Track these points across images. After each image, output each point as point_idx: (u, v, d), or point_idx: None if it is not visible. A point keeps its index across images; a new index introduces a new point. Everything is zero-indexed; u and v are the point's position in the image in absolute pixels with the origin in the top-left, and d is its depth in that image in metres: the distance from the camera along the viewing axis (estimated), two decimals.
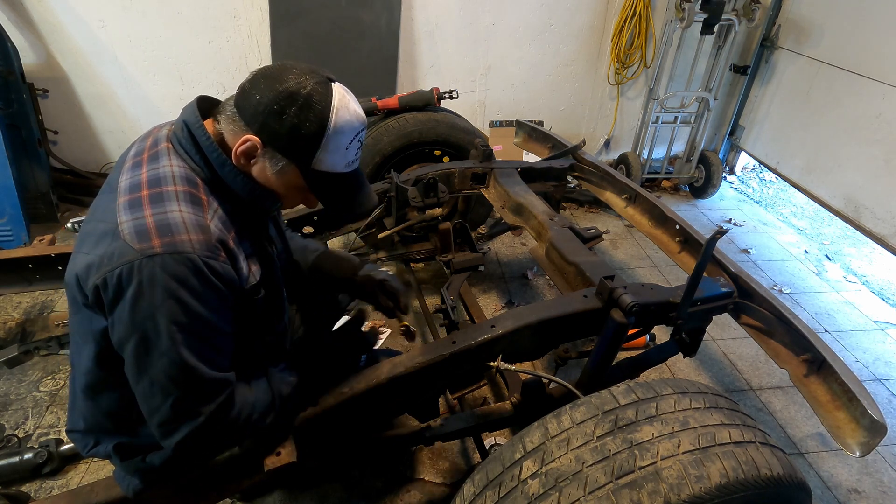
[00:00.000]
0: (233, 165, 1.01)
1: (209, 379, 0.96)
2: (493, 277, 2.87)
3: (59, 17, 3.03)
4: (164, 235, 0.90)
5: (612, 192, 2.31)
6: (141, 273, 0.87)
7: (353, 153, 1.05)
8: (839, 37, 3.21)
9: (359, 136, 1.04)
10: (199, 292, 0.92)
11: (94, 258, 0.91)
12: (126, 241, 0.89)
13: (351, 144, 1.03)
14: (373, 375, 1.25)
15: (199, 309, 0.92)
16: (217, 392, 0.99)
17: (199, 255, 0.91)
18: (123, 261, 0.88)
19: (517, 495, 0.88)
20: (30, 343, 2.18)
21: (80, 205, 3.31)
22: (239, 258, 1.02)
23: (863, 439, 1.31)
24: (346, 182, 1.07)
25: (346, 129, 1.00)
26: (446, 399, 1.91)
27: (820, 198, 3.40)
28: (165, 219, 0.91)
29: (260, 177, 1.03)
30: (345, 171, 1.06)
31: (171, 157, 1.00)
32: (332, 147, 0.99)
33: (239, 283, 1.01)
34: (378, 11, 3.23)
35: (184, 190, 0.96)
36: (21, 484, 1.70)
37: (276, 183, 1.03)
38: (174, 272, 0.88)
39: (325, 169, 1.02)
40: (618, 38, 3.62)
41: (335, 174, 1.04)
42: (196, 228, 0.93)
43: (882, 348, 2.53)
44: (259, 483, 1.18)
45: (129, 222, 0.91)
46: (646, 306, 1.35)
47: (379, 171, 2.47)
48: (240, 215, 1.06)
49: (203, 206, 0.98)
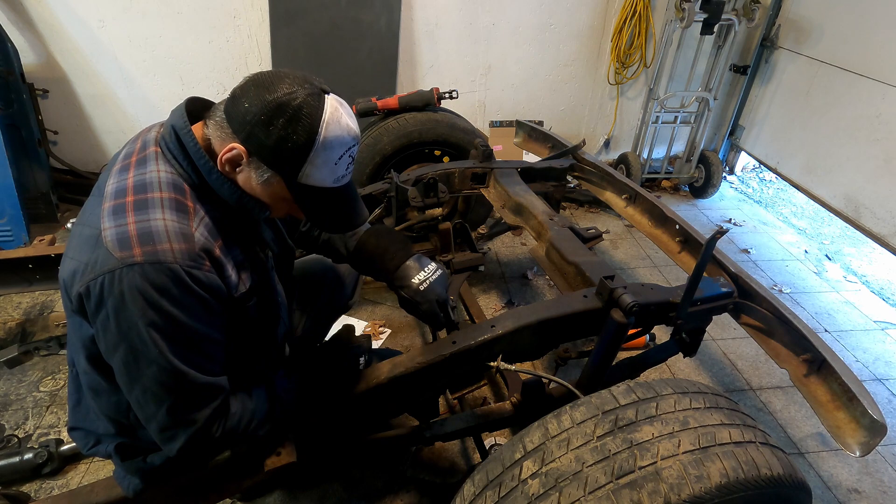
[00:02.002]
0: (220, 173, 0.99)
1: (201, 384, 0.96)
2: (493, 277, 2.87)
3: (59, 17, 3.03)
4: (146, 244, 0.89)
5: (612, 192, 2.31)
6: (122, 283, 0.87)
7: (343, 168, 1.01)
8: (839, 37, 3.21)
9: (349, 151, 1.00)
10: (182, 302, 0.91)
11: (78, 264, 0.91)
12: (108, 249, 0.88)
13: (341, 160, 0.99)
14: (373, 375, 1.25)
15: (182, 318, 0.91)
16: (211, 397, 0.99)
17: (181, 265, 0.90)
18: (104, 269, 0.88)
19: (517, 495, 0.88)
20: (30, 343, 2.18)
21: (79, 205, 3.29)
22: (226, 267, 1.00)
23: (863, 439, 1.30)
24: (335, 198, 1.04)
25: (335, 143, 0.96)
26: (446, 399, 1.91)
27: (820, 198, 3.40)
28: (148, 227, 0.90)
29: (245, 185, 1.01)
30: (333, 187, 1.02)
31: (158, 162, 0.98)
32: (319, 162, 0.96)
33: (227, 291, 1.00)
34: (378, 11, 3.23)
35: (169, 197, 0.95)
36: (21, 484, 1.70)
37: (262, 193, 1.01)
38: (155, 282, 0.88)
39: (313, 183, 0.99)
40: (618, 38, 3.62)
41: (323, 189, 1.01)
42: (179, 237, 0.92)
43: (882, 348, 2.53)
44: (259, 483, 1.18)
45: (112, 229, 0.90)
46: (646, 306, 1.35)
47: (379, 171, 2.47)
48: (228, 222, 1.04)
49: (189, 213, 0.96)
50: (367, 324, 2.45)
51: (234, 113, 0.95)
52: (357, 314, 2.50)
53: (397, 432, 1.43)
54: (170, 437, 0.97)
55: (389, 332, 2.42)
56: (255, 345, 1.16)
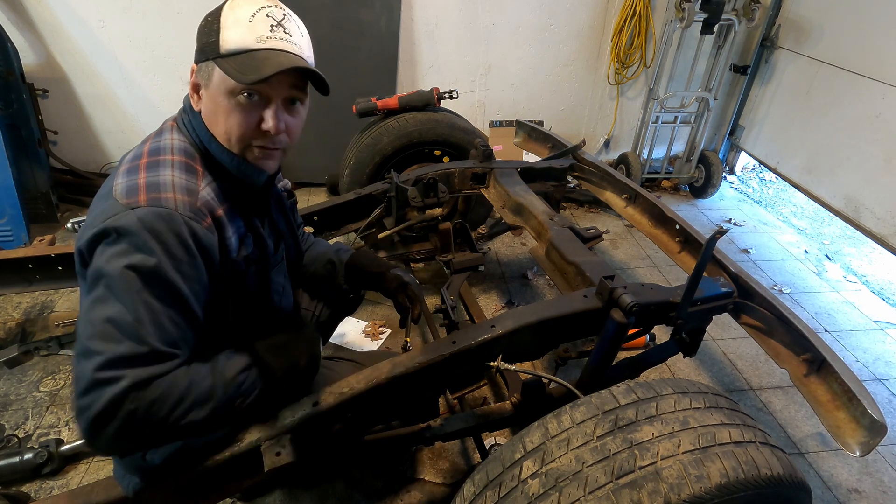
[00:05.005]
0: (205, 130, 1.04)
1: (152, 348, 0.88)
2: (493, 277, 2.87)
3: (59, 17, 3.03)
4: (151, 192, 0.93)
5: (612, 192, 2.31)
6: (119, 222, 0.89)
7: (265, 29, 0.96)
8: (839, 37, 3.21)
9: (265, 10, 0.97)
10: (171, 251, 0.91)
11: (89, 220, 0.95)
12: (116, 199, 0.93)
13: (255, 17, 0.96)
14: (373, 375, 1.25)
15: (167, 267, 0.90)
16: (152, 362, 0.89)
17: (182, 214, 0.93)
18: (110, 214, 0.91)
19: (517, 495, 0.88)
20: (30, 343, 2.18)
21: (80, 205, 3.31)
22: (228, 229, 1.03)
23: (863, 439, 1.31)
24: (259, 55, 0.97)
25: (244, 4, 0.97)
26: (446, 399, 1.91)
27: (820, 198, 3.40)
28: (156, 180, 0.95)
29: (206, 107, 1.02)
30: (259, 48, 0.96)
31: (173, 133, 1.06)
32: (230, 23, 0.96)
33: (224, 253, 1.02)
34: (378, 11, 3.23)
35: (180, 160, 1.01)
36: (21, 484, 1.70)
37: (215, 99, 0.99)
38: (151, 225, 0.90)
39: (234, 48, 0.96)
40: (618, 37, 3.62)
41: (246, 51, 0.96)
42: (183, 190, 0.96)
43: (882, 348, 2.53)
44: (259, 483, 1.18)
45: (123, 183, 0.95)
46: (646, 306, 1.35)
47: (379, 171, 2.47)
48: (235, 193, 1.08)
49: (198, 175, 1.02)
50: (367, 324, 2.45)
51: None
52: (357, 314, 2.51)
53: (397, 432, 1.43)
54: (87, 405, 0.85)
55: (389, 333, 2.42)
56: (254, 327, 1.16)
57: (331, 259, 1.49)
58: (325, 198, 3.55)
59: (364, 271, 1.46)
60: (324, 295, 1.61)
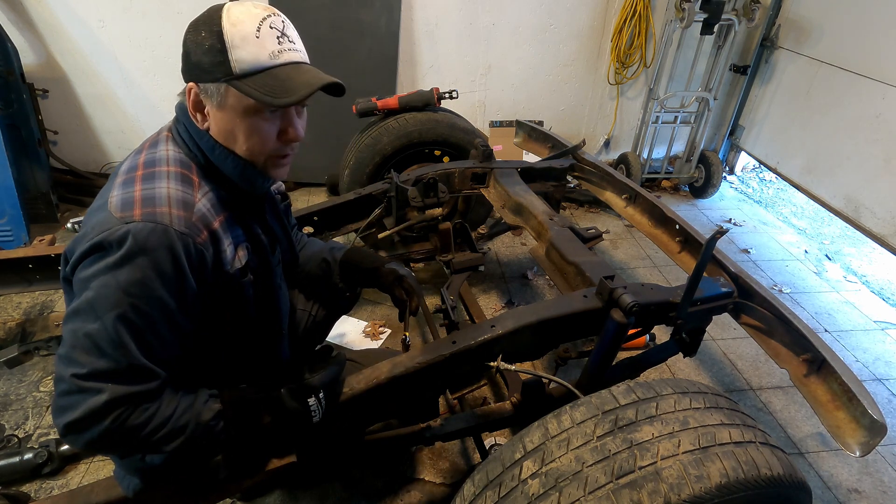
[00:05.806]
0: (222, 147, 1.02)
1: (131, 364, 0.88)
2: (493, 277, 2.87)
3: (59, 17, 3.03)
4: (147, 206, 0.92)
5: (612, 192, 2.31)
6: (113, 236, 0.88)
7: (273, 41, 0.96)
8: (839, 37, 3.21)
9: (266, 21, 0.95)
10: (162, 268, 0.90)
11: (83, 231, 0.93)
12: (110, 212, 0.92)
13: (260, 31, 0.94)
14: (373, 375, 1.25)
15: (156, 285, 0.89)
16: (133, 380, 0.89)
17: (176, 229, 0.92)
18: (104, 228, 0.90)
19: (517, 495, 0.88)
20: (30, 343, 2.17)
21: (80, 205, 3.31)
22: (223, 241, 1.02)
23: (863, 439, 1.31)
24: (280, 74, 0.97)
25: (243, 18, 0.94)
26: (446, 399, 1.91)
27: (820, 198, 3.40)
28: (152, 193, 0.94)
29: (219, 126, 1.00)
30: (274, 63, 0.96)
31: (168, 144, 1.04)
32: (238, 41, 0.93)
33: (222, 266, 1.01)
34: (378, 11, 3.23)
35: (176, 171, 1.00)
36: (21, 484, 1.70)
37: (233, 119, 0.98)
38: (143, 241, 0.88)
39: (249, 67, 0.94)
40: (618, 38, 3.62)
41: (264, 69, 0.95)
42: (179, 204, 0.95)
43: (882, 348, 2.53)
44: (259, 483, 1.18)
45: (119, 196, 0.94)
46: (646, 306, 1.35)
47: (379, 171, 2.47)
48: (233, 202, 1.07)
49: (194, 186, 1.00)
50: (367, 324, 2.45)
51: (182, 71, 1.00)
52: (357, 314, 2.51)
53: (397, 432, 1.43)
54: (67, 406, 0.86)
55: (389, 333, 2.42)
56: (256, 336, 1.15)
57: (325, 258, 1.48)
58: (325, 198, 3.55)
59: (359, 267, 1.46)
60: (319, 295, 1.60)
